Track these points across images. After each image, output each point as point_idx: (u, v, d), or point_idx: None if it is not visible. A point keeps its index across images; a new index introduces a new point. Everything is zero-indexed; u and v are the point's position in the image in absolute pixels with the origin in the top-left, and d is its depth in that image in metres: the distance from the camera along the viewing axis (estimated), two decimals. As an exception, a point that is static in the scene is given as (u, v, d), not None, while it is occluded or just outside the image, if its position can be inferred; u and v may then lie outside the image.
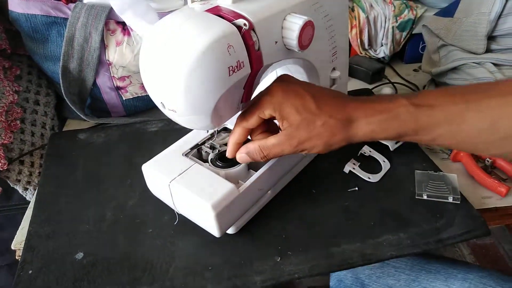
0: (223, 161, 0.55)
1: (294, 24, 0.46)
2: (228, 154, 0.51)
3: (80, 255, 0.54)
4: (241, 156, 0.50)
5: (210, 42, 0.39)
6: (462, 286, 0.60)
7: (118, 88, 0.79)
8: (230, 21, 0.42)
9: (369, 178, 0.65)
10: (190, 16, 0.42)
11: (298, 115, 0.45)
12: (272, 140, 0.47)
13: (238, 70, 0.42)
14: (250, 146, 0.48)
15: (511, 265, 1.41)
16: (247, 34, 0.42)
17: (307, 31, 0.47)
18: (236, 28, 0.41)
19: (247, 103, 0.49)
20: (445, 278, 0.61)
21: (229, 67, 0.41)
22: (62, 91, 0.74)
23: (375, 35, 1.01)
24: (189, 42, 0.39)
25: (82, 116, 0.76)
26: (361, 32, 0.99)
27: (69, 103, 0.74)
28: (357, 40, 1.00)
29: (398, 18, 0.97)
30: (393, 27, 0.97)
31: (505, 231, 1.50)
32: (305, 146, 0.46)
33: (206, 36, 0.39)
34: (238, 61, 0.42)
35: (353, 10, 0.98)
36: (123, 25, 0.74)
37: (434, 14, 0.92)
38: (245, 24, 0.42)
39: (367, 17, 0.97)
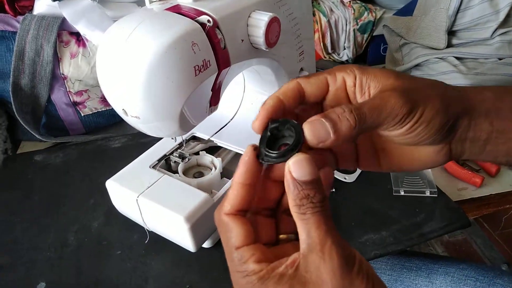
0: (272, 148, 0.30)
1: (260, 20, 0.45)
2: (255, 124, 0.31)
3: (42, 286, 0.50)
4: (315, 123, 0.28)
5: (173, 40, 0.37)
6: (445, 280, 0.59)
7: (75, 104, 0.74)
8: (192, 18, 0.40)
9: (345, 178, 0.64)
10: (149, 15, 0.40)
11: (397, 75, 0.32)
12: (365, 102, 0.30)
13: (204, 70, 0.40)
14: (331, 110, 0.29)
15: (485, 259, 1.44)
16: (211, 32, 0.41)
17: (273, 28, 0.46)
18: (199, 25, 0.40)
19: (216, 107, 0.46)
20: (427, 274, 0.61)
21: (194, 67, 0.39)
22: (14, 110, 0.69)
23: (337, 39, 1.01)
24: (150, 41, 0.37)
25: (37, 136, 0.71)
26: (323, 36, 0.99)
27: (22, 123, 0.70)
28: (320, 44, 1.00)
29: (358, 20, 0.98)
30: (354, 30, 0.99)
31: (475, 226, 1.53)
32: (419, 102, 0.30)
33: (168, 34, 0.38)
34: (204, 60, 0.40)
35: (314, 14, 0.98)
36: (77, 35, 0.70)
37: (394, 14, 0.93)
38: (209, 21, 0.40)
39: (328, 21, 0.98)
